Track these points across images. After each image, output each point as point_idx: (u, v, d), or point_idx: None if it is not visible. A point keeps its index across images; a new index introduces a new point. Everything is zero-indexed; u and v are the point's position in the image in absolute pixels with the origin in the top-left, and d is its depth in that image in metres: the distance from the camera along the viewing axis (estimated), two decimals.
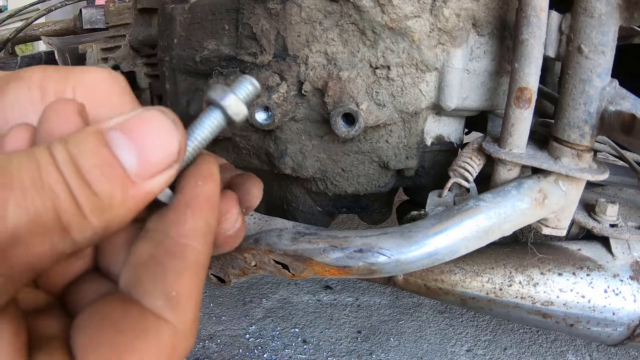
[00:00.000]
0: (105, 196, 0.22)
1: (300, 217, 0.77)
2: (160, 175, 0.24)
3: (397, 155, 0.66)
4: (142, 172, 0.23)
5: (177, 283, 0.25)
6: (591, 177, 0.53)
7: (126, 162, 0.23)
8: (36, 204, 0.20)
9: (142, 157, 0.23)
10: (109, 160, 0.22)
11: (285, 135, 0.65)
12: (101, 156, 0.22)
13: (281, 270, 0.58)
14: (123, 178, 0.22)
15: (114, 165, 0.22)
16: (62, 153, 0.21)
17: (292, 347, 1.16)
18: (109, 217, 0.22)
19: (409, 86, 0.61)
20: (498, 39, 0.63)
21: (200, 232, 0.26)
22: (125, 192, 0.23)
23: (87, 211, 0.21)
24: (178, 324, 0.24)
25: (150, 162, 0.23)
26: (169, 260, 0.25)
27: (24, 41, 1.75)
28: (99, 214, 0.22)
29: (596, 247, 0.67)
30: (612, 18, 0.50)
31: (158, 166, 0.24)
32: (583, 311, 0.64)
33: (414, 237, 0.51)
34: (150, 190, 0.24)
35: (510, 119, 0.55)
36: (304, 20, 0.60)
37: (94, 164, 0.22)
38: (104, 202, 0.22)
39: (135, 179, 0.23)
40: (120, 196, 0.22)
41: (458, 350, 1.15)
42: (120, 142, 0.23)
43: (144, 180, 0.23)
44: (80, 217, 0.21)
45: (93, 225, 0.22)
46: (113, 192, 0.22)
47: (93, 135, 0.23)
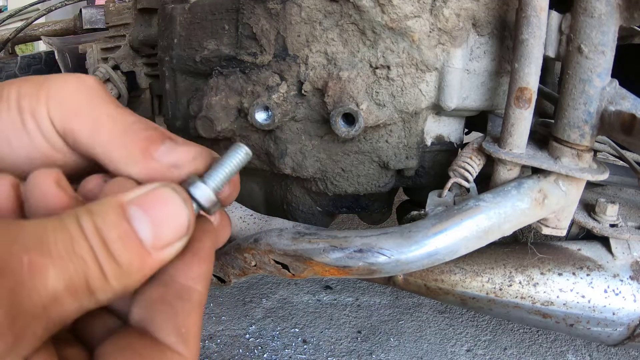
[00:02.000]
0: (126, 265, 0.26)
1: (300, 217, 0.77)
2: (171, 247, 0.27)
3: (397, 155, 0.66)
4: (157, 244, 0.27)
5: (186, 321, 0.29)
6: (591, 177, 0.53)
7: (143, 235, 0.26)
8: (71, 271, 0.24)
9: (156, 231, 0.27)
10: (128, 233, 0.26)
11: (285, 135, 0.65)
12: (122, 229, 0.26)
13: (281, 270, 0.58)
14: (140, 249, 0.26)
15: (133, 238, 0.26)
16: (88, 224, 0.25)
17: (292, 347, 1.16)
18: (127, 282, 0.26)
19: (409, 86, 0.61)
20: (498, 39, 0.63)
21: (203, 278, 0.30)
22: (142, 261, 0.26)
23: (111, 277, 0.25)
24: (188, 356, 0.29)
25: (164, 235, 0.27)
26: (179, 301, 0.29)
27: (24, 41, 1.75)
28: (120, 279, 0.26)
29: (596, 247, 0.67)
30: (612, 18, 0.50)
31: (170, 239, 0.27)
32: (583, 311, 0.64)
33: (414, 237, 0.51)
34: (163, 259, 0.27)
35: (510, 119, 0.55)
36: (304, 20, 0.60)
37: (117, 236, 0.25)
38: (124, 270, 0.26)
39: (150, 250, 0.26)
40: (137, 265, 0.26)
41: (458, 350, 1.15)
42: (139, 216, 0.26)
43: (158, 250, 0.27)
44: (105, 282, 0.25)
45: (114, 288, 0.26)
46: (132, 261, 0.26)
47: (115, 208, 0.26)
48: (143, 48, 1.07)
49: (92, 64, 1.14)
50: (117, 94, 1.07)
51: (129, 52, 1.08)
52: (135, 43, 1.05)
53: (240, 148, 0.32)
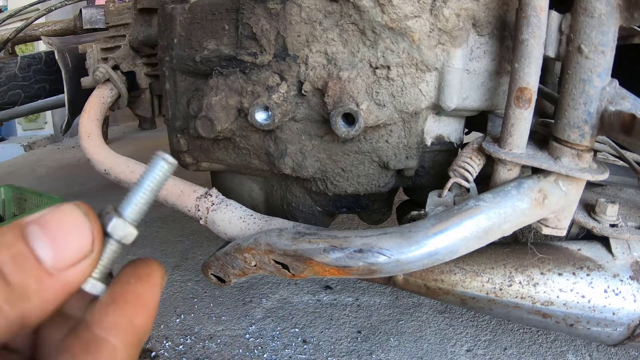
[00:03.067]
0: (19, 287, 0.23)
1: (300, 217, 0.77)
2: (76, 266, 0.25)
3: (397, 155, 0.66)
4: (58, 263, 0.24)
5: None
6: (591, 177, 0.53)
7: (41, 254, 0.24)
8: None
9: (56, 249, 0.24)
10: (23, 252, 0.23)
11: (285, 135, 0.65)
12: (17, 249, 0.23)
13: (281, 270, 0.58)
14: (37, 269, 0.23)
15: (29, 257, 0.23)
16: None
17: (292, 347, 1.16)
18: (24, 307, 0.23)
19: (409, 86, 0.61)
20: (498, 39, 0.63)
21: (120, 329, 0.25)
22: (40, 282, 0.23)
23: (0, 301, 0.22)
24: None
25: (65, 253, 0.24)
26: (82, 353, 0.25)
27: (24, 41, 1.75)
28: (13, 304, 0.23)
29: (596, 247, 0.67)
30: (612, 18, 0.50)
31: (73, 257, 0.24)
32: (583, 311, 0.64)
33: (414, 237, 0.51)
34: (68, 281, 0.24)
35: (510, 119, 0.55)
36: (304, 20, 0.60)
37: (10, 255, 0.23)
38: (18, 292, 0.23)
39: (51, 270, 0.24)
40: (35, 286, 0.23)
41: (458, 350, 1.15)
42: (36, 235, 0.24)
43: (61, 271, 0.24)
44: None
45: (6, 314, 0.22)
46: (27, 282, 0.23)
47: (12, 228, 0.24)
48: (143, 48, 1.07)
49: (92, 64, 1.14)
50: (117, 94, 1.07)
51: (129, 52, 1.08)
52: (135, 43, 1.05)
53: (160, 160, 0.29)
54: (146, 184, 0.28)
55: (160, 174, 0.29)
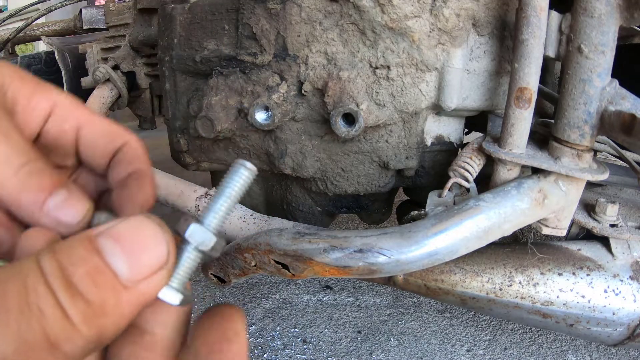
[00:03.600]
0: (97, 303, 0.22)
1: (300, 217, 0.77)
2: (152, 277, 0.24)
3: (397, 155, 0.66)
4: (134, 276, 0.23)
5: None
6: (591, 177, 0.53)
7: (117, 267, 0.23)
8: (22, 329, 0.20)
9: (132, 261, 0.23)
10: (99, 267, 0.23)
11: (285, 135, 0.65)
12: (92, 263, 0.22)
13: (281, 270, 0.58)
14: (114, 284, 0.23)
15: (105, 272, 0.23)
16: (50, 263, 0.22)
17: (292, 347, 1.16)
18: (101, 324, 0.22)
19: (409, 86, 0.61)
20: (498, 39, 0.63)
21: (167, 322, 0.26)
22: (118, 297, 0.23)
23: (77, 321, 0.21)
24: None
25: (141, 265, 0.24)
26: None
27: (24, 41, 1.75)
28: (91, 322, 0.22)
29: (596, 247, 0.67)
30: (612, 18, 0.50)
31: (149, 269, 0.24)
32: (583, 311, 0.64)
33: (414, 237, 0.51)
34: (143, 293, 0.24)
35: (510, 119, 0.55)
36: (304, 20, 0.59)
37: (85, 272, 0.22)
38: (95, 310, 0.22)
39: (127, 283, 0.23)
40: (113, 302, 0.23)
41: (458, 350, 1.15)
42: (110, 247, 0.23)
43: (137, 284, 0.23)
44: (71, 329, 0.21)
45: (84, 335, 0.22)
46: (105, 298, 0.22)
47: (82, 242, 0.23)
48: (143, 48, 1.07)
49: (92, 64, 1.14)
50: (117, 94, 1.07)
51: (129, 52, 1.08)
52: (135, 43, 1.05)
53: (240, 167, 0.29)
54: (226, 191, 0.28)
55: (241, 181, 0.28)
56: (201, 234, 0.27)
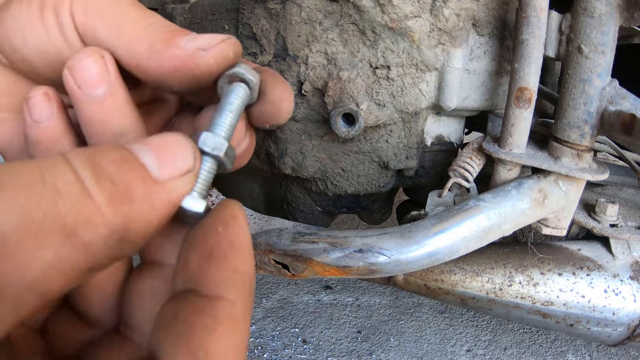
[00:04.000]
0: (124, 187, 0.20)
1: (300, 217, 0.77)
2: (180, 178, 0.23)
3: (397, 155, 0.66)
4: (163, 173, 0.22)
5: (207, 342, 0.21)
6: (591, 177, 0.53)
7: (147, 162, 0.22)
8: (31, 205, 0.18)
9: (161, 160, 0.23)
10: (127, 158, 0.22)
11: (285, 135, 0.65)
12: (119, 154, 0.21)
13: (281, 270, 0.58)
14: (143, 172, 0.22)
15: (134, 162, 0.22)
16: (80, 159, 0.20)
17: (292, 347, 1.16)
18: (129, 212, 0.20)
19: (409, 86, 0.61)
20: (498, 39, 0.63)
21: (230, 282, 0.23)
22: (148, 187, 0.21)
23: (101, 201, 0.19)
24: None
25: (170, 165, 0.23)
26: (197, 317, 0.22)
27: None
28: (117, 205, 0.20)
29: (596, 247, 0.67)
30: (612, 18, 0.50)
31: (178, 170, 0.23)
32: (583, 311, 0.64)
33: (414, 237, 0.51)
34: (173, 190, 0.23)
35: (510, 119, 0.55)
36: (304, 20, 0.60)
37: (110, 159, 0.21)
38: (123, 193, 0.20)
39: (155, 177, 0.22)
40: (142, 190, 0.21)
41: (458, 350, 1.15)
42: (140, 148, 0.23)
43: (165, 181, 0.23)
44: (92, 209, 0.19)
45: (108, 220, 0.19)
46: (132, 184, 0.21)
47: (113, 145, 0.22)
48: None
49: None
50: None
51: None
52: None
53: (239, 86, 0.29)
54: (228, 107, 0.28)
55: (241, 99, 0.29)
56: (213, 140, 0.26)
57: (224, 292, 0.23)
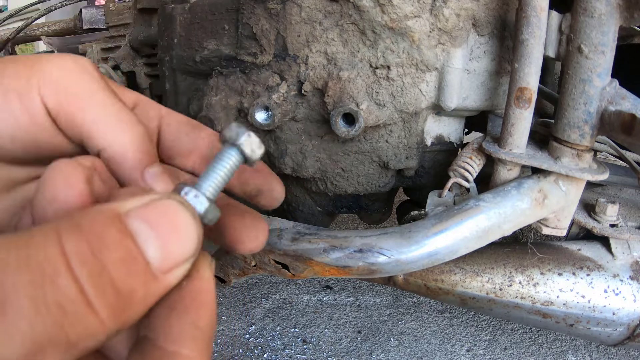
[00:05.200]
0: (127, 294, 0.20)
1: (300, 217, 0.77)
2: (179, 269, 0.23)
3: (397, 155, 0.66)
4: (164, 266, 0.22)
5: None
6: (591, 177, 0.53)
7: (149, 255, 0.21)
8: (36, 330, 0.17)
9: (164, 250, 0.22)
10: (133, 254, 0.21)
11: (285, 135, 0.65)
12: (126, 249, 0.20)
13: (281, 270, 0.58)
14: (145, 273, 0.21)
15: (139, 260, 0.21)
16: (75, 243, 0.19)
17: (292, 347, 1.16)
18: (126, 318, 0.20)
19: (409, 86, 0.61)
20: (498, 39, 0.63)
21: (189, 337, 0.23)
22: (148, 288, 0.21)
23: (105, 316, 0.19)
24: None
25: (173, 256, 0.22)
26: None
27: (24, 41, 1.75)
28: (119, 315, 0.20)
29: (596, 247, 0.67)
30: (612, 18, 0.50)
31: (179, 260, 0.22)
32: (583, 311, 0.64)
33: (414, 237, 0.51)
34: (169, 284, 0.22)
35: (510, 119, 0.55)
36: (304, 20, 0.60)
37: (119, 257, 0.20)
38: (124, 301, 0.20)
39: (157, 273, 0.21)
40: (142, 293, 0.21)
41: (458, 350, 1.15)
42: (144, 232, 0.21)
43: (165, 274, 0.22)
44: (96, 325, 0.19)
45: (108, 329, 0.20)
46: (135, 288, 0.20)
47: (113, 220, 0.21)
48: (143, 48, 1.07)
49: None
50: None
51: (129, 52, 1.08)
52: (135, 43, 1.05)
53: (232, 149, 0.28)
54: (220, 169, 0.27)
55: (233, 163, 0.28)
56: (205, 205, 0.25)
57: (182, 347, 0.23)
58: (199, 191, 0.25)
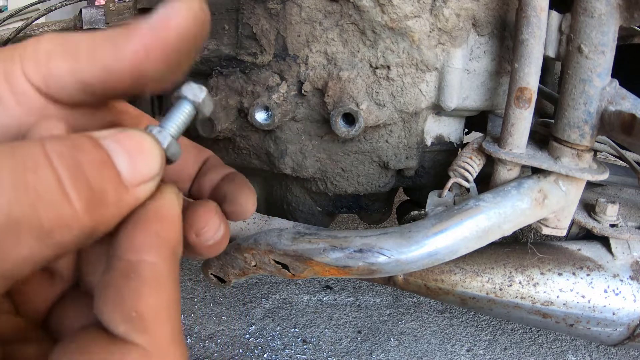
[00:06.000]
0: (100, 194, 0.22)
1: (300, 217, 0.77)
2: (147, 184, 0.25)
3: (397, 155, 0.66)
4: (134, 178, 0.24)
5: (137, 303, 0.24)
6: (591, 177, 0.53)
7: (120, 166, 0.23)
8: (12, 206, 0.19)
9: (132, 165, 0.24)
10: (105, 160, 0.23)
11: (285, 135, 0.65)
12: (98, 155, 0.22)
13: (281, 270, 0.58)
14: (117, 179, 0.23)
15: (110, 166, 0.23)
16: (56, 146, 0.21)
17: (292, 347, 1.16)
18: (100, 217, 0.22)
19: (409, 86, 0.61)
20: (498, 39, 0.63)
21: (152, 245, 0.25)
22: (120, 193, 0.23)
23: (80, 207, 0.21)
24: (149, 346, 0.23)
25: (140, 169, 0.24)
26: (124, 282, 0.24)
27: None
28: (93, 211, 0.22)
29: (596, 247, 0.67)
30: (612, 18, 0.50)
31: (146, 175, 0.24)
32: (583, 311, 0.64)
33: (414, 237, 0.51)
34: (137, 198, 0.24)
35: (510, 119, 0.55)
36: (304, 20, 0.60)
37: (93, 159, 0.22)
38: (98, 199, 0.22)
39: (127, 184, 0.23)
40: (114, 197, 0.23)
41: (458, 350, 1.15)
42: (115, 148, 0.23)
43: (134, 187, 0.24)
44: (70, 215, 0.21)
45: (82, 224, 0.21)
46: (108, 191, 0.22)
47: (89, 138, 0.23)
48: None
49: None
50: None
51: None
52: None
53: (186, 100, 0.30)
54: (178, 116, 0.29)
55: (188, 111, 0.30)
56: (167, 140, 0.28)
57: (145, 255, 0.24)
58: (163, 129, 0.28)
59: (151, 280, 0.24)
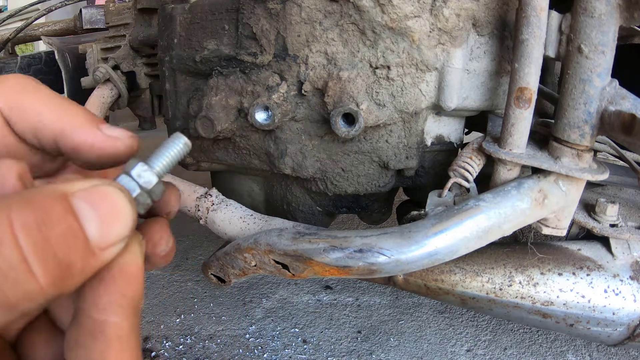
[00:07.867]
0: (66, 266, 0.22)
1: (300, 217, 0.77)
2: (115, 247, 0.25)
3: (397, 155, 0.66)
4: (102, 243, 0.24)
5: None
6: (591, 177, 0.53)
7: (90, 232, 0.24)
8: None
9: (103, 230, 0.24)
10: (74, 230, 0.23)
11: (285, 135, 0.65)
12: (68, 224, 0.23)
13: (281, 270, 0.58)
14: (85, 248, 0.23)
15: (79, 236, 0.23)
16: (23, 216, 0.21)
17: (292, 347, 1.16)
18: (65, 286, 0.23)
19: (409, 86, 0.61)
20: (498, 39, 0.63)
21: (116, 305, 0.26)
22: (86, 262, 0.24)
23: (45, 282, 0.22)
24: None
25: (110, 233, 0.24)
26: (91, 342, 0.25)
27: (24, 41, 1.75)
28: (58, 283, 0.22)
29: (596, 247, 0.67)
30: (612, 18, 0.50)
31: (115, 238, 0.25)
32: (583, 311, 0.64)
33: (414, 237, 0.51)
34: (105, 260, 0.25)
35: (510, 119, 0.55)
36: (304, 20, 0.59)
37: (62, 231, 0.22)
38: (64, 272, 0.22)
39: (95, 249, 0.24)
40: (80, 266, 0.23)
41: (458, 350, 1.15)
42: (86, 213, 0.24)
43: (102, 251, 0.24)
44: (35, 290, 0.21)
45: (47, 295, 0.22)
46: (74, 261, 0.23)
47: (59, 199, 0.23)
48: (143, 48, 1.07)
49: (92, 64, 1.14)
50: (117, 94, 1.07)
51: (129, 52, 1.08)
52: (135, 43, 1.05)
53: (180, 139, 0.31)
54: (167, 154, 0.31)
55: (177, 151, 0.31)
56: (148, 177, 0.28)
57: (110, 315, 0.26)
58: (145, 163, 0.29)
59: (116, 341, 0.25)
